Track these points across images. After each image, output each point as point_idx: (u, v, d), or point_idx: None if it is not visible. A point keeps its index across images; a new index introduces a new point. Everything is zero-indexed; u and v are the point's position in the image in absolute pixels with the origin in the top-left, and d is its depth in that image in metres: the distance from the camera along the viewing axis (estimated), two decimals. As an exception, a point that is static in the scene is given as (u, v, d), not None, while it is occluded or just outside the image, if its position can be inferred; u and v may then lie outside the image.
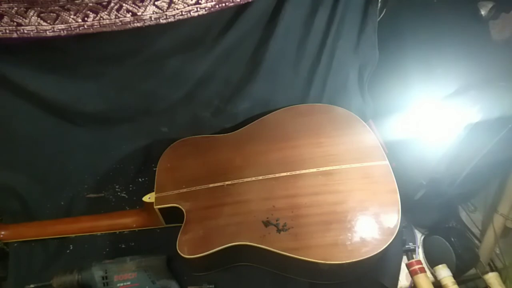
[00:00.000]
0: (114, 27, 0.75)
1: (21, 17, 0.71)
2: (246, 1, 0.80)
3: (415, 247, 0.96)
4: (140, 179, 1.04)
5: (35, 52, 0.80)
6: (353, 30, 0.99)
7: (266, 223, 0.80)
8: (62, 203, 0.98)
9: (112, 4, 0.73)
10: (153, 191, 0.89)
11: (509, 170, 0.89)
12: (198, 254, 0.78)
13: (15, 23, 0.72)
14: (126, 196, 1.01)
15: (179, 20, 0.77)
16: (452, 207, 1.04)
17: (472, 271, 0.96)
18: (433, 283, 0.91)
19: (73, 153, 0.99)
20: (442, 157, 0.85)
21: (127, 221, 0.95)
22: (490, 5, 0.77)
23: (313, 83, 1.01)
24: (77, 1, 0.71)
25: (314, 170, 0.87)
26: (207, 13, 0.77)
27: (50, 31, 0.74)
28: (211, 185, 0.88)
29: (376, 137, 0.92)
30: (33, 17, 0.72)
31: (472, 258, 0.94)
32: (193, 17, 0.77)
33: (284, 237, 0.78)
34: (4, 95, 0.85)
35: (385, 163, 0.86)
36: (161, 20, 0.76)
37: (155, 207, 0.86)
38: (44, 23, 0.73)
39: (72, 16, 0.73)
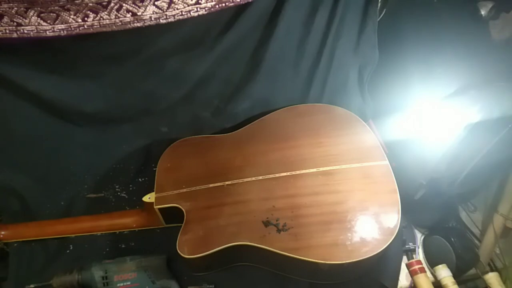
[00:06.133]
0: (114, 27, 0.75)
1: (21, 17, 0.71)
2: (246, 1, 0.80)
3: (415, 247, 0.96)
4: (140, 179, 1.04)
5: (35, 52, 0.80)
6: (353, 30, 0.99)
7: (266, 223, 0.80)
8: (62, 203, 0.98)
9: (112, 4, 0.73)
10: (153, 191, 0.89)
11: (509, 170, 0.89)
12: (198, 254, 0.78)
13: (15, 23, 0.72)
14: (126, 196, 1.01)
15: (179, 20, 0.77)
16: (452, 207, 1.04)
17: (472, 271, 0.96)
18: (433, 283, 0.91)
19: (73, 153, 0.99)
20: (442, 157, 0.85)
21: (127, 221, 0.95)
22: (490, 5, 0.77)
23: (313, 83, 1.01)
24: (77, 1, 0.71)
25: (314, 170, 0.87)
26: (207, 13, 0.77)
27: (50, 31, 0.74)
28: (211, 185, 0.88)
29: (376, 137, 0.92)
30: (33, 17, 0.72)
31: (472, 258, 0.94)
32: (193, 17, 0.77)
33: (284, 237, 0.78)
34: (4, 95, 0.85)
35: (385, 163, 0.86)
36: (161, 20, 0.76)
37: (155, 207, 0.86)
38: (44, 23, 0.73)
39: (72, 16, 0.73)
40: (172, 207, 0.86)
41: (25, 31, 0.73)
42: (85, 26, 0.74)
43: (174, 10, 0.76)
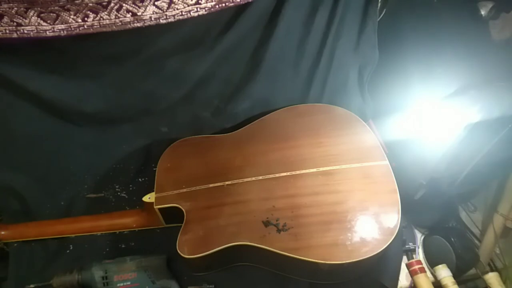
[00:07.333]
0: (114, 27, 0.75)
1: (21, 17, 0.71)
2: (246, 1, 0.80)
3: (415, 247, 0.96)
4: (140, 179, 1.04)
5: (35, 52, 0.80)
6: (353, 30, 0.99)
7: (266, 223, 0.80)
8: (62, 203, 0.98)
9: (112, 4, 0.73)
10: (153, 191, 0.89)
11: (509, 170, 0.89)
12: (198, 254, 0.78)
13: (15, 23, 0.72)
14: (126, 196, 1.01)
15: (179, 20, 0.77)
16: (452, 207, 1.04)
17: (472, 271, 0.96)
18: (433, 283, 0.91)
19: (73, 153, 0.99)
20: (442, 157, 0.85)
21: (127, 221, 0.95)
22: (490, 5, 0.77)
23: (313, 83, 1.01)
24: (77, 1, 0.71)
25: (314, 170, 0.87)
26: (207, 13, 0.77)
27: (50, 31, 0.74)
28: (211, 185, 0.88)
29: (376, 137, 0.92)
30: (33, 17, 0.72)
31: (472, 258, 0.94)
32: (193, 17, 0.77)
33: (284, 237, 0.78)
34: (4, 95, 0.85)
35: (385, 163, 0.86)
36: (161, 20, 0.76)
37: (155, 207, 0.86)
38: (44, 23, 0.73)
39: (72, 16, 0.73)
40: (172, 207, 0.86)
41: (25, 31, 0.73)
42: (85, 26, 0.74)
43: (174, 10, 0.76)
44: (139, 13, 0.74)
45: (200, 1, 0.76)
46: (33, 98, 0.87)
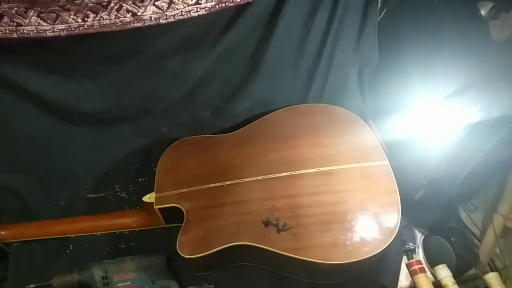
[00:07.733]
0: (114, 27, 0.75)
1: (21, 17, 0.71)
2: (246, 1, 0.80)
3: (415, 247, 0.96)
4: (140, 179, 1.04)
5: (35, 52, 0.80)
6: (353, 30, 0.99)
7: (266, 223, 0.80)
8: (62, 203, 0.98)
9: (112, 4, 0.73)
10: (153, 191, 0.89)
11: (509, 170, 0.89)
12: (198, 254, 0.78)
13: (15, 23, 0.72)
14: (126, 196, 1.01)
15: (179, 20, 0.77)
16: (452, 207, 1.04)
17: (472, 271, 0.96)
18: (433, 283, 0.91)
19: (73, 153, 0.99)
20: (442, 157, 0.85)
21: (127, 221, 0.95)
22: (490, 5, 0.77)
23: (313, 83, 1.01)
24: (77, 1, 0.71)
25: (314, 170, 0.87)
26: (207, 13, 0.77)
27: (50, 31, 0.74)
28: (211, 185, 0.88)
29: (376, 137, 0.92)
30: (33, 17, 0.72)
31: (472, 258, 0.94)
32: (193, 17, 0.77)
33: (284, 237, 0.78)
34: (4, 95, 0.85)
35: (385, 163, 0.86)
36: (161, 20, 0.76)
37: (155, 207, 0.86)
38: (44, 23, 0.73)
39: (72, 16, 0.73)
40: (172, 207, 0.86)
41: (25, 31, 0.73)
42: (85, 26, 0.74)
43: (174, 10, 0.76)
44: (139, 13, 0.74)
45: (200, 1, 0.76)
46: (33, 98, 0.87)
